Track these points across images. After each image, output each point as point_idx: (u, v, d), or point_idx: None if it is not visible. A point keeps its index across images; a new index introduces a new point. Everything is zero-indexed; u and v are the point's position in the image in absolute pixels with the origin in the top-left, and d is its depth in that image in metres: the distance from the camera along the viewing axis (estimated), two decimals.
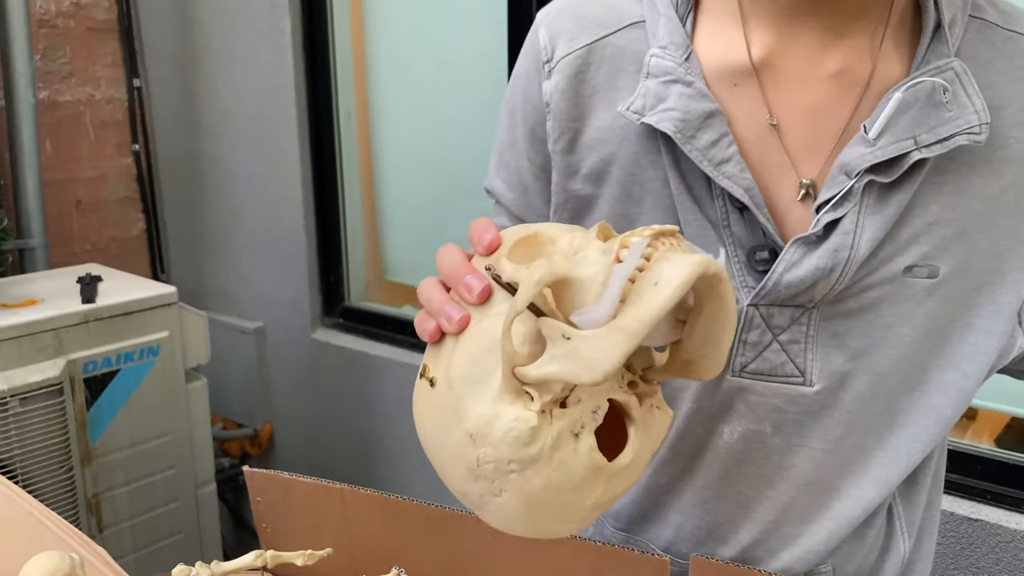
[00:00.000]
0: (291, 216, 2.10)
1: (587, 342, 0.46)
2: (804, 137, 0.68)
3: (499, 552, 0.80)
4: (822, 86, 0.67)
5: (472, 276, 0.52)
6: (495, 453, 0.49)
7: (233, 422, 2.30)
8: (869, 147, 0.63)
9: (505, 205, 0.85)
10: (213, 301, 2.33)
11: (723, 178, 0.66)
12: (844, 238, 0.65)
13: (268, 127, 2.07)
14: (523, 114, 0.78)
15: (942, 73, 0.63)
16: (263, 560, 0.79)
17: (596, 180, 0.74)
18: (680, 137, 0.67)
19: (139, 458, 1.62)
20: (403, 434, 2.03)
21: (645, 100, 0.69)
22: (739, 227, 0.68)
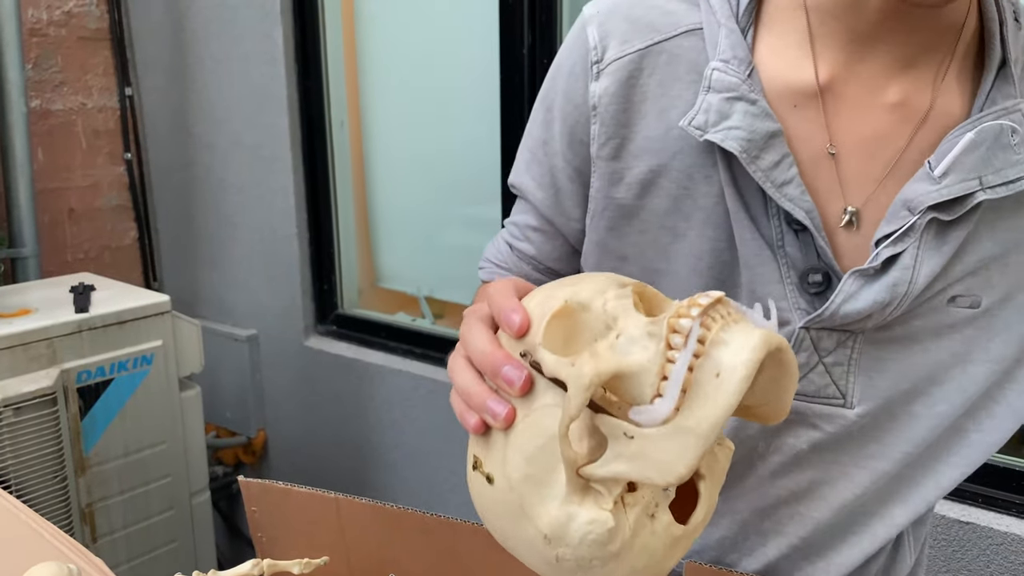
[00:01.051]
0: (284, 224, 2.10)
1: (655, 443, 0.44)
2: (856, 165, 0.68)
3: (495, 560, 0.80)
4: (881, 115, 0.67)
5: (510, 367, 0.49)
6: (575, 553, 0.47)
7: (227, 430, 2.30)
8: (934, 184, 0.63)
9: (533, 204, 0.82)
10: (206, 309, 2.33)
11: (785, 200, 0.66)
12: (904, 273, 0.64)
13: (261, 136, 2.07)
14: (563, 112, 0.76)
15: (1010, 114, 0.63)
16: (260, 568, 0.79)
17: (642, 190, 0.72)
18: (746, 157, 0.66)
19: (133, 467, 1.62)
20: (397, 441, 2.04)
21: (708, 116, 0.67)
22: (794, 248, 0.68)
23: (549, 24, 1.61)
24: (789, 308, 0.68)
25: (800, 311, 0.68)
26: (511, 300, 0.51)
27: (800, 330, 0.68)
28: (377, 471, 2.10)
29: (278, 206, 2.09)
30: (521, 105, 1.67)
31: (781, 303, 0.69)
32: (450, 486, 1.96)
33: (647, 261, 0.74)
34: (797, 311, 0.68)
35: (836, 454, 0.71)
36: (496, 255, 0.90)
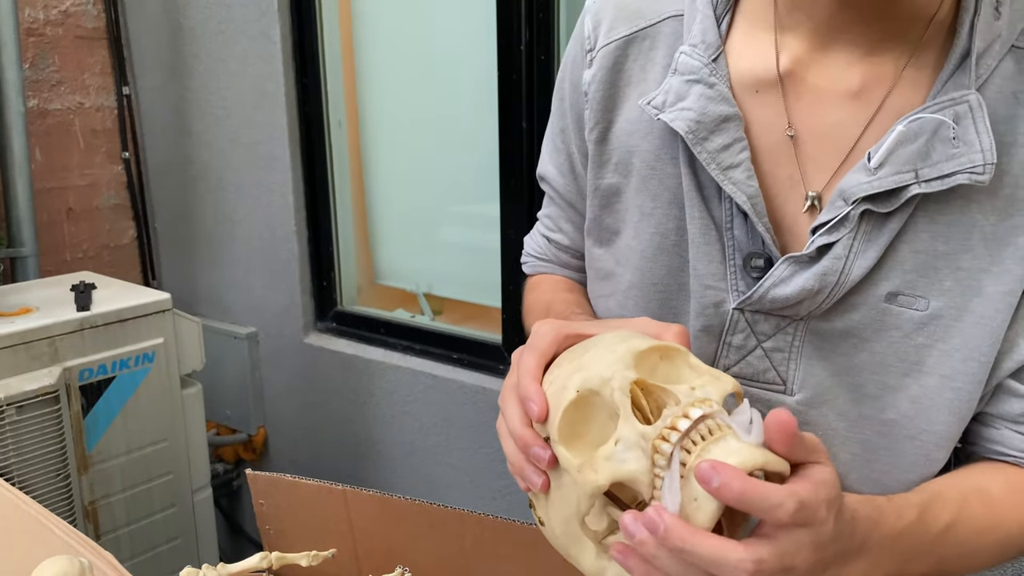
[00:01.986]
0: (283, 222, 2.10)
1: None
2: (817, 152, 0.68)
3: (501, 550, 0.81)
4: (840, 103, 0.67)
5: (538, 448, 0.57)
6: None
7: (227, 428, 2.31)
8: (869, 176, 0.63)
9: (557, 191, 0.86)
10: (205, 307, 2.34)
11: (728, 183, 0.67)
12: (834, 263, 0.64)
13: (259, 134, 2.07)
14: (571, 101, 0.79)
15: (956, 105, 0.62)
16: (268, 561, 0.80)
17: (623, 171, 0.75)
18: (692, 138, 0.67)
19: (136, 464, 1.62)
20: (398, 438, 2.04)
21: (666, 96, 0.69)
22: (741, 232, 0.69)
23: (547, 22, 1.62)
24: (727, 289, 0.70)
25: (737, 293, 0.69)
26: (533, 386, 0.58)
27: (734, 311, 0.69)
28: (377, 467, 2.11)
29: (276, 204, 2.10)
30: (519, 103, 1.68)
31: (720, 283, 0.70)
32: (449, 481, 1.97)
33: (627, 237, 0.77)
34: (734, 292, 0.69)
35: None
36: (536, 249, 0.94)
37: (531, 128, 1.69)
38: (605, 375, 0.54)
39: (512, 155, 1.72)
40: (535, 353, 0.60)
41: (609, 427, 0.54)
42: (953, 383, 0.66)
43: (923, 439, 0.68)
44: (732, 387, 0.55)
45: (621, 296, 0.77)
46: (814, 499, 0.49)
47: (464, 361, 1.92)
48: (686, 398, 0.52)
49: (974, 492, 0.67)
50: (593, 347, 0.58)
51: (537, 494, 0.59)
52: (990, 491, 0.67)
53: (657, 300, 0.74)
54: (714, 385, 0.54)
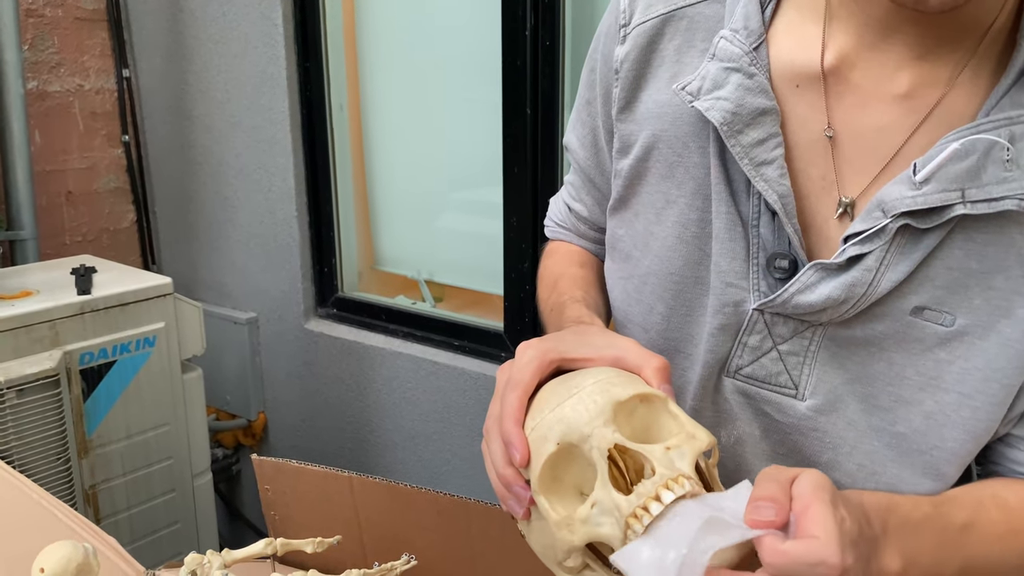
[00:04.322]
0: (284, 207, 2.09)
1: None
2: (855, 155, 0.65)
3: (507, 540, 0.81)
4: (886, 106, 0.64)
5: (518, 488, 0.59)
6: None
7: (227, 413, 2.30)
8: (913, 190, 0.59)
9: (579, 163, 0.85)
10: (205, 292, 2.33)
11: (760, 180, 0.64)
12: (864, 274, 0.62)
13: (260, 118, 2.06)
14: (601, 74, 0.77)
15: (1013, 125, 0.58)
16: (273, 548, 0.80)
17: (645, 153, 0.73)
18: (726, 130, 0.64)
19: (136, 449, 1.62)
20: (398, 424, 2.04)
21: (703, 83, 0.66)
22: (767, 230, 0.66)
23: (552, 7, 1.60)
24: (749, 288, 0.67)
25: (759, 293, 0.67)
26: (515, 431, 0.59)
27: (754, 311, 0.67)
28: (377, 453, 2.11)
29: (277, 189, 2.09)
30: (523, 88, 1.67)
31: (742, 282, 0.68)
32: (450, 468, 1.97)
33: (647, 222, 0.74)
34: (755, 292, 0.67)
35: (786, 448, 0.70)
36: (557, 214, 0.93)
37: (535, 114, 1.67)
38: (585, 431, 0.56)
39: (516, 142, 1.71)
40: (518, 390, 0.60)
41: (588, 473, 0.57)
42: (971, 402, 0.64)
43: (933, 455, 0.66)
44: (707, 445, 0.57)
45: (638, 281, 0.75)
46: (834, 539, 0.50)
47: (465, 348, 1.91)
48: (661, 466, 0.55)
49: (990, 498, 0.65)
50: (576, 393, 0.58)
51: None
52: (1007, 499, 0.65)
53: (672, 291, 0.73)
54: (689, 445, 0.56)
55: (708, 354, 0.71)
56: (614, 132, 0.76)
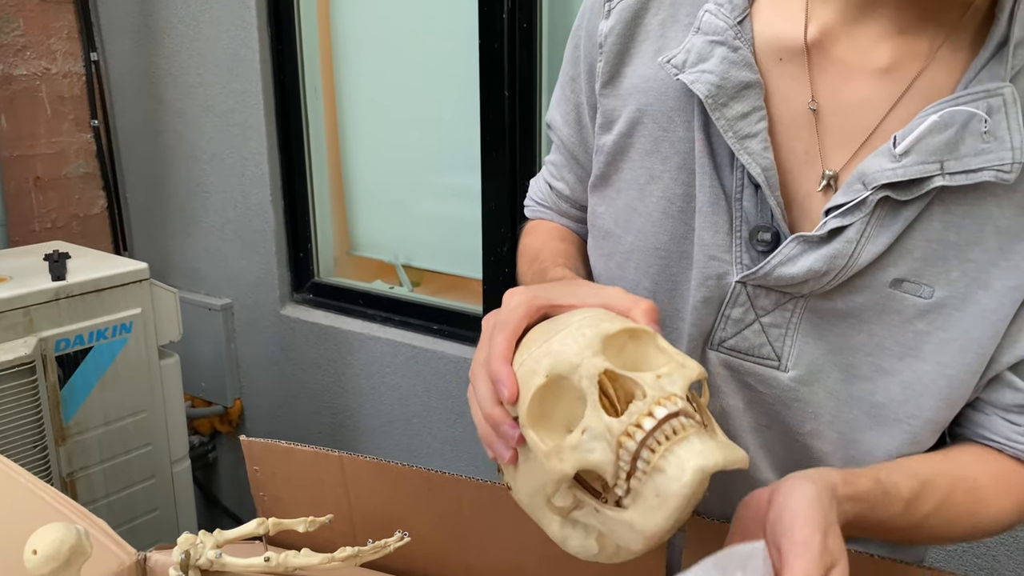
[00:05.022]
0: (258, 192, 2.07)
1: (615, 524, 0.55)
2: (838, 128, 0.66)
3: (499, 515, 0.81)
4: (868, 79, 0.65)
5: (507, 427, 0.57)
6: (573, 550, 0.58)
7: (202, 400, 2.29)
8: (893, 162, 0.61)
9: (562, 140, 0.84)
10: (178, 279, 2.30)
11: (744, 153, 0.65)
12: (845, 246, 0.63)
13: (234, 102, 2.04)
14: (585, 50, 0.77)
15: (990, 98, 0.60)
16: (265, 527, 0.80)
17: (629, 129, 0.73)
18: (711, 103, 0.65)
19: (114, 436, 1.60)
20: (377, 409, 2.04)
21: (687, 56, 0.67)
22: (750, 203, 0.67)
23: None
24: (731, 261, 0.68)
25: (741, 266, 0.68)
26: (504, 368, 0.57)
27: (737, 284, 0.68)
28: (356, 439, 2.11)
29: (251, 173, 2.07)
30: (501, 72, 1.67)
31: (725, 255, 0.69)
32: (430, 451, 1.98)
33: (629, 198, 0.75)
34: (738, 265, 0.68)
35: (770, 418, 0.72)
36: (538, 193, 0.93)
37: (513, 97, 1.67)
38: (574, 361, 0.55)
39: (494, 125, 1.71)
40: (506, 331, 0.59)
41: (577, 408, 0.55)
42: (948, 371, 0.66)
43: (911, 423, 0.69)
44: (697, 374, 0.56)
45: (621, 257, 0.76)
46: None
47: (444, 332, 1.92)
48: (652, 389, 0.53)
49: (962, 481, 0.67)
50: (564, 328, 0.58)
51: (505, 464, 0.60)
52: (977, 480, 0.68)
53: (658, 265, 0.73)
54: (680, 373, 0.55)
55: (692, 327, 0.72)
56: (598, 108, 0.76)
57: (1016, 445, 0.68)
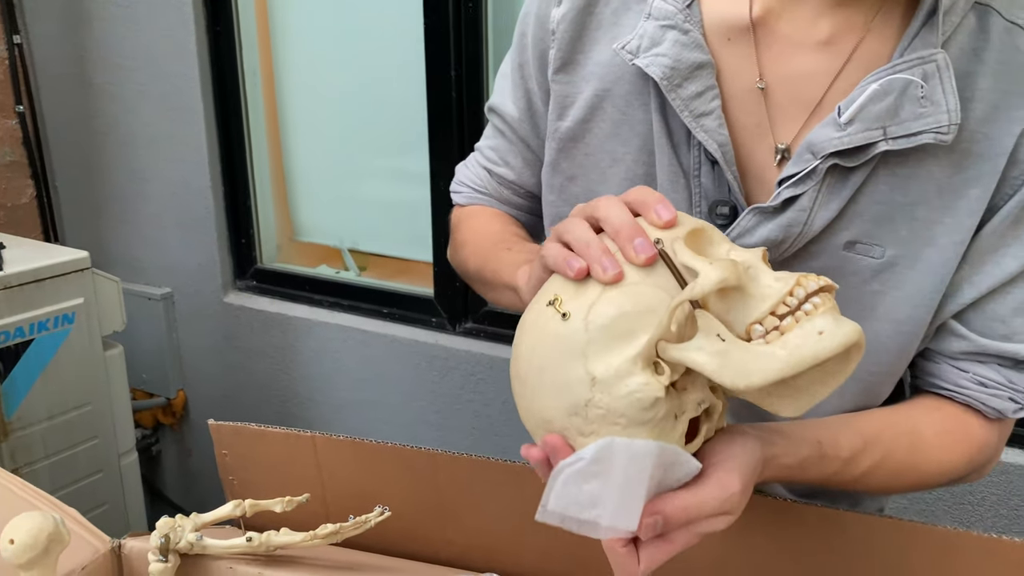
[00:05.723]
0: (197, 177, 2.03)
1: (744, 351, 0.51)
2: (786, 102, 0.69)
3: (476, 487, 0.82)
4: (810, 53, 0.68)
5: (643, 241, 0.54)
6: (610, 403, 0.52)
7: (144, 392, 2.23)
8: (839, 131, 0.64)
9: (511, 126, 0.85)
10: (116, 268, 2.22)
11: (700, 131, 0.68)
12: (799, 214, 0.66)
13: (169, 85, 1.99)
14: (535, 37, 0.78)
15: (925, 64, 0.63)
16: (242, 509, 0.79)
17: (587, 114, 0.75)
18: (666, 84, 0.68)
19: (59, 430, 1.56)
20: (327, 396, 2.03)
21: (641, 41, 0.69)
22: (708, 179, 0.70)
23: None
24: None
25: None
26: (663, 198, 0.57)
27: None
28: (307, 426, 2.08)
29: (190, 159, 2.02)
30: (446, 53, 1.66)
31: None
32: (382, 436, 1.96)
33: (590, 183, 0.77)
34: None
35: None
36: (474, 180, 0.92)
37: (460, 77, 1.67)
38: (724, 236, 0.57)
39: (440, 105, 1.71)
40: None
41: None
42: (903, 327, 0.70)
43: (870, 380, 0.73)
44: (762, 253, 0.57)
45: None
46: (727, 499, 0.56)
47: (395, 315, 1.91)
48: None
49: (906, 435, 0.71)
50: None
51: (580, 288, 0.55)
52: (922, 433, 0.72)
53: None
54: None
55: None
56: (550, 94, 0.78)
57: (964, 391, 0.72)
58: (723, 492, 0.55)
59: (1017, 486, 1.37)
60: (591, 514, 0.52)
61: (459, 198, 0.94)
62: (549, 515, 0.53)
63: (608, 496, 0.52)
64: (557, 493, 0.52)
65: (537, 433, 0.58)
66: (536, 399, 0.56)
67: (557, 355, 0.54)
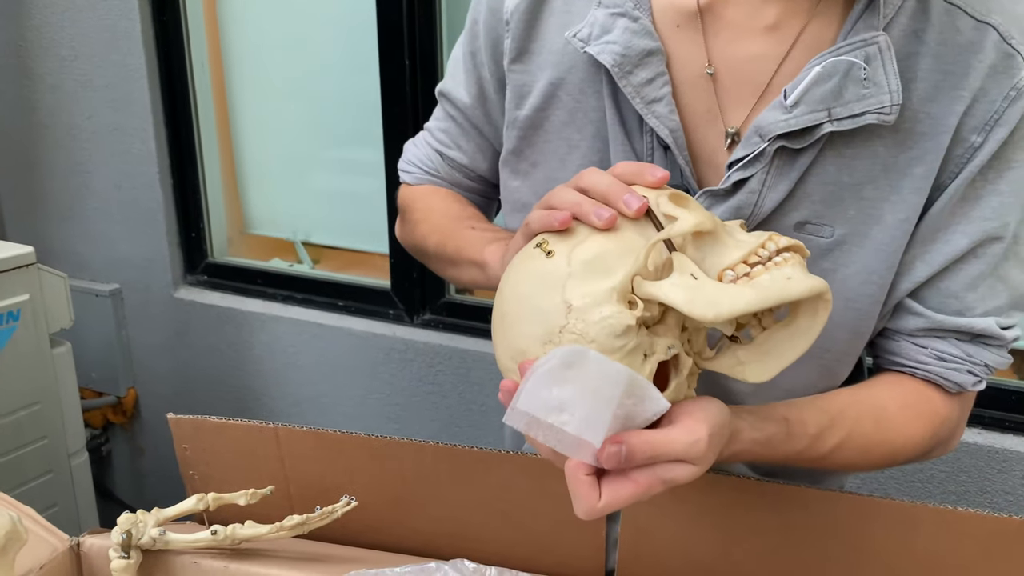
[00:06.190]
0: (144, 170, 1.98)
1: (715, 286, 0.53)
2: (735, 87, 0.71)
3: (443, 475, 0.82)
4: (757, 38, 0.69)
5: (632, 195, 0.58)
6: (583, 328, 0.54)
7: (92, 391, 2.18)
8: (785, 113, 0.65)
9: (463, 112, 0.85)
10: (60, 264, 2.15)
11: (652, 117, 0.69)
12: (749, 196, 0.68)
13: (114, 76, 1.94)
14: (487, 25, 0.79)
15: (867, 47, 0.65)
16: (205, 503, 0.78)
17: (544, 102, 0.76)
18: (617, 71, 0.69)
19: (7, 430, 1.51)
20: (283, 391, 2.00)
21: (592, 29, 0.70)
22: (661, 165, 0.71)
23: None
24: None
25: None
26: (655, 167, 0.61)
27: None
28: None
29: (137, 151, 1.97)
30: (400, 42, 1.65)
31: None
32: (340, 430, 1.95)
33: (550, 170, 0.78)
34: None
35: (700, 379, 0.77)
36: (424, 162, 0.92)
37: (414, 66, 1.66)
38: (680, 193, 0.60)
39: (395, 94, 1.69)
40: None
41: None
42: (855, 305, 0.72)
43: (825, 358, 0.75)
44: None
45: None
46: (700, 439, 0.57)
47: (351, 308, 1.90)
48: None
49: (871, 410, 0.73)
50: None
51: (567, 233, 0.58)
52: (886, 408, 0.74)
53: None
54: None
55: None
56: (506, 82, 0.79)
57: (925, 367, 0.74)
58: (689, 436, 0.56)
59: (965, 463, 1.41)
60: (558, 418, 0.53)
61: (408, 177, 0.94)
62: (517, 415, 0.54)
63: (577, 404, 0.52)
64: (527, 392, 0.53)
65: (511, 368, 0.59)
66: (513, 329, 0.58)
67: (538, 288, 0.57)
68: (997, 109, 0.66)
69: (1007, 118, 0.66)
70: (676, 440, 0.55)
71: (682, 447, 0.55)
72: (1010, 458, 1.38)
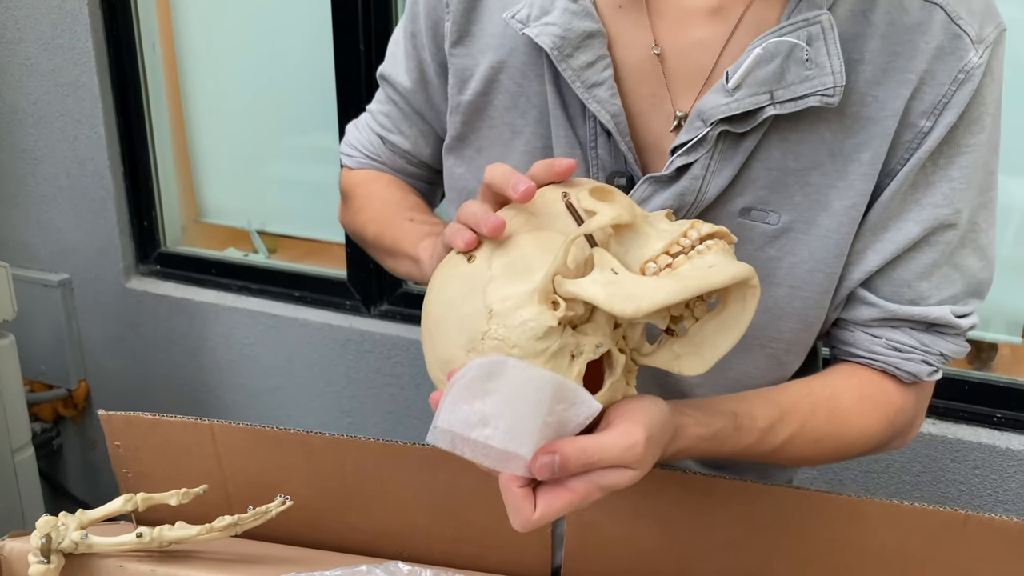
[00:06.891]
0: (94, 157, 1.93)
1: (634, 281, 0.52)
2: (681, 70, 0.69)
3: (384, 472, 0.80)
4: (702, 20, 0.68)
5: (519, 179, 0.55)
6: (505, 333, 0.53)
7: (42, 384, 2.13)
8: (727, 97, 0.64)
9: (404, 96, 0.83)
10: (6, 254, 2.11)
11: (593, 101, 0.67)
12: (693, 182, 0.66)
13: (60, 59, 1.88)
14: (427, 6, 0.77)
15: (810, 27, 0.63)
16: (133, 503, 0.75)
17: (485, 87, 0.74)
18: (557, 55, 0.67)
19: None
20: (237, 383, 1.96)
21: (531, 10, 0.68)
22: (604, 150, 0.70)
23: None
24: None
25: None
26: (565, 159, 0.59)
27: None
28: (217, 415, 2.01)
29: (85, 137, 1.92)
30: (355, 27, 1.61)
31: None
32: (294, 422, 1.92)
33: (494, 156, 0.76)
34: None
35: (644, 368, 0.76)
36: (367, 146, 0.89)
37: (369, 51, 1.63)
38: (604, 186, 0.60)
39: (349, 81, 1.66)
40: None
41: None
42: (801, 293, 0.71)
43: (773, 347, 0.73)
44: None
45: None
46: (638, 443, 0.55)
47: (307, 299, 1.86)
48: None
49: (824, 402, 0.72)
50: None
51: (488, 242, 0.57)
52: (840, 399, 0.73)
53: None
54: None
55: None
56: (448, 66, 0.76)
57: (879, 357, 0.73)
58: (626, 440, 0.54)
59: (919, 453, 1.41)
60: (482, 433, 0.51)
61: (350, 161, 0.92)
62: (440, 435, 0.52)
63: (500, 416, 0.51)
64: (447, 408, 0.51)
65: (441, 379, 0.57)
66: (439, 338, 0.57)
67: (460, 294, 0.56)
68: (946, 93, 0.65)
69: (956, 102, 0.65)
70: (612, 445, 0.53)
71: (618, 452, 0.53)
72: (963, 448, 1.38)
